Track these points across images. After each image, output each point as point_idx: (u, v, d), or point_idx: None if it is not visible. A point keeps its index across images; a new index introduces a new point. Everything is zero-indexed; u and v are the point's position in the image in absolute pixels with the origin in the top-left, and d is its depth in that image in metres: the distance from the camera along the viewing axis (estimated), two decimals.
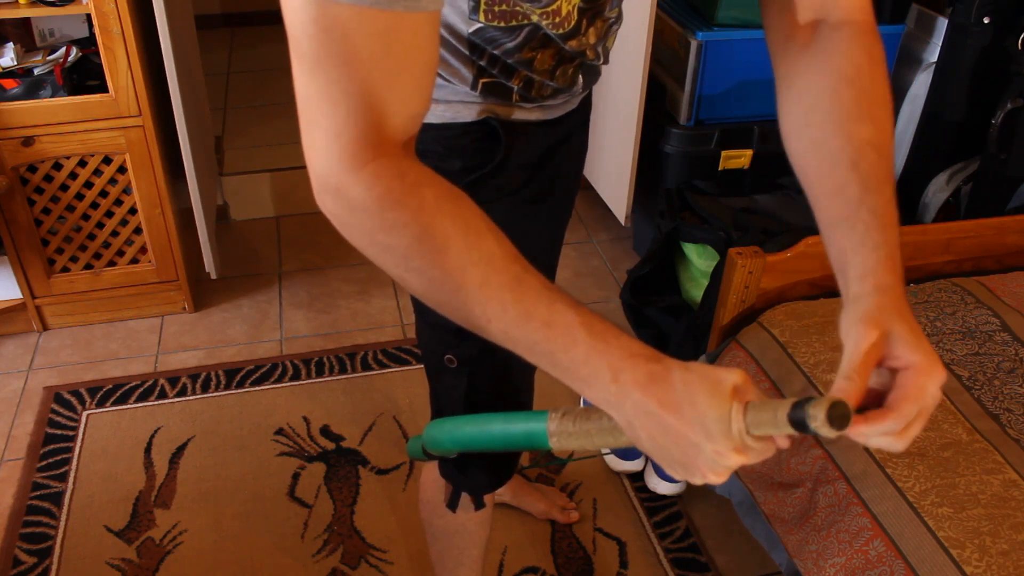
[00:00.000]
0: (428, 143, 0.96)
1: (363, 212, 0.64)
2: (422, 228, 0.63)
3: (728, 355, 1.56)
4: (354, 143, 0.62)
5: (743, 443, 0.59)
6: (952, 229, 1.68)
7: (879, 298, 0.67)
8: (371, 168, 0.63)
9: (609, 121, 2.37)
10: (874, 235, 0.72)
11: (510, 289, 0.63)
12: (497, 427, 0.77)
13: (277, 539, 1.74)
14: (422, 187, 0.64)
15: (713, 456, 0.60)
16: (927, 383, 0.64)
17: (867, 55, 0.77)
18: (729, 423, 0.59)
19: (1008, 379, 1.40)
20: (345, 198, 0.64)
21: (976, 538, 1.15)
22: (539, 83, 0.94)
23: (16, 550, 1.70)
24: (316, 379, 2.14)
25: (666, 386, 0.60)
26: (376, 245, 0.65)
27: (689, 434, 0.60)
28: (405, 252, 0.64)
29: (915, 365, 0.64)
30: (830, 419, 0.57)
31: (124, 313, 2.32)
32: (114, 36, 1.89)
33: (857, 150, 0.73)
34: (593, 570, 1.70)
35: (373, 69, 0.62)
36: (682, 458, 0.62)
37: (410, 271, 0.65)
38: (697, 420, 0.60)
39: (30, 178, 2.03)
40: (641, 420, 0.62)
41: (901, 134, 2.28)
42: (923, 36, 2.22)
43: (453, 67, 0.90)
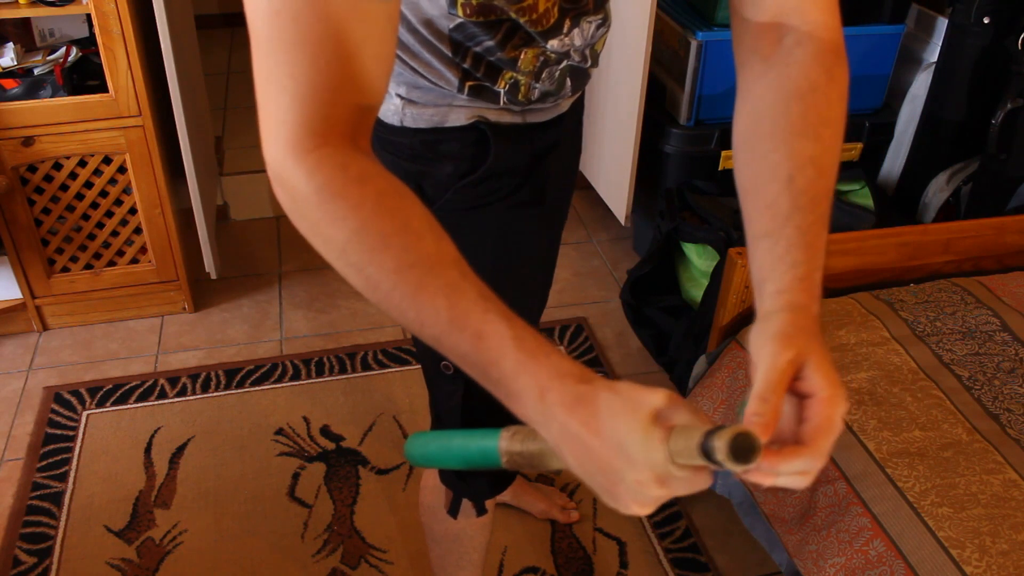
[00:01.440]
0: (418, 148, 0.96)
1: (304, 201, 0.63)
2: (360, 223, 0.61)
3: (728, 355, 1.56)
4: (298, 130, 0.62)
5: (666, 473, 0.55)
6: (952, 229, 1.68)
7: (792, 316, 0.64)
8: (314, 157, 0.62)
9: (609, 121, 2.37)
10: (795, 253, 0.68)
11: (445, 295, 0.61)
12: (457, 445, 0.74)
13: (277, 539, 1.74)
14: (365, 181, 0.62)
15: (635, 486, 0.56)
16: (835, 414, 0.60)
17: (826, 73, 0.75)
18: (650, 450, 0.55)
19: (1008, 379, 1.40)
20: (288, 186, 0.63)
21: (976, 538, 1.15)
22: (526, 86, 0.93)
23: (16, 550, 1.70)
24: (316, 379, 2.14)
25: (591, 408, 0.57)
26: (317, 236, 0.63)
27: (611, 460, 0.57)
28: (343, 246, 0.62)
29: (825, 394, 0.60)
30: (733, 452, 0.52)
31: (124, 313, 2.32)
32: (114, 36, 1.89)
33: (796, 166, 0.71)
34: (593, 570, 1.70)
35: (320, 56, 0.61)
36: (607, 485, 0.58)
37: (349, 266, 0.63)
38: (618, 446, 0.56)
39: (30, 178, 2.03)
40: (567, 443, 0.59)
41: (901, 134, 2.28)
42: (923, 36, 2.22)
43: (437, 70, 0.89)
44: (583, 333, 2.31)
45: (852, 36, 2.12)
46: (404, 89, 0.93)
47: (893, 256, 1.65)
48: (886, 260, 1.65)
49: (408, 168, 0.98)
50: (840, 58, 0.77)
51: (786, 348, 0.61)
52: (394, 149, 0.98)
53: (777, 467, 0.58)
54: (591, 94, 2.47)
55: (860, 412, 1.35)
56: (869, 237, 1.63)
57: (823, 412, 0.60)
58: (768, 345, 0.61)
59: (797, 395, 0.61)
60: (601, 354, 2.24)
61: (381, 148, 0.99)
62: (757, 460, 0.54)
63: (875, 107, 2.27)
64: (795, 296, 0.65)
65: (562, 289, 2.49)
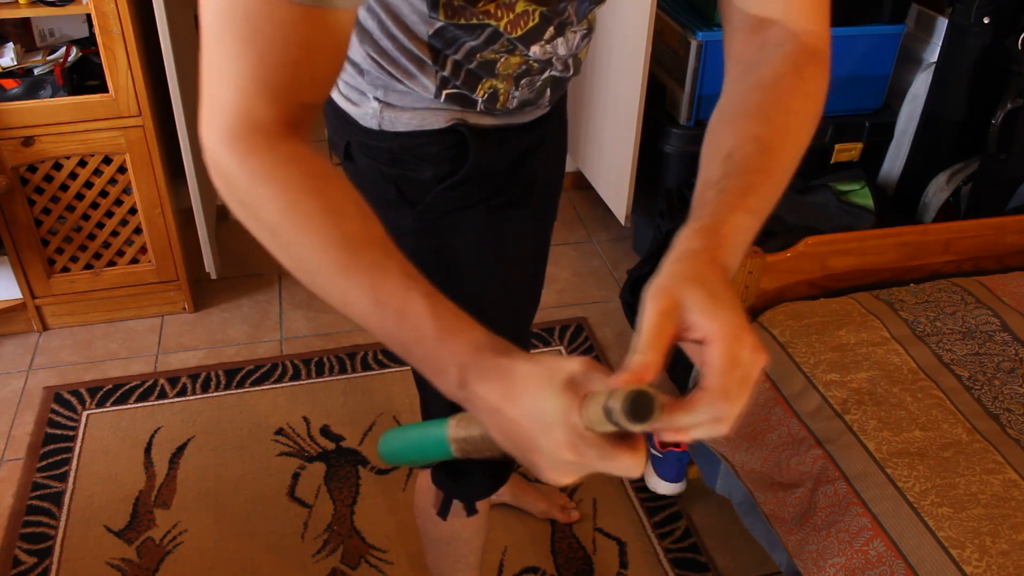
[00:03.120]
0: (398, 152, 0.96)
1: (236, 185, 0.64)
2: (287, 204, 0.63)
3: None
4: (235, 120, 0.63)
5: (578, 438, 0.54)
6: (952, 229, 1.68)
7: (677, 266, 0.61)
8: (246, 143, 0.63)
9: (609, 121, 2.37)
10: (704, 210, 0.66)
11: (368, 274, 0.62)
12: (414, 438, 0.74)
13: (277, 539, 1.74)
14: (292, 164, 0.63)
15: (549, 452, 0.56)
16: (737, 350, 0.56)
17: (794, 69, 0.75)
18: (561, 414, 0.55)
19: (1008, 379, 1.40)
20: (222, 170, 0.64)
21: (976, 538, 1.15)
22: (504, 94, 0.93)
23: (16, 550, 1.70)
24: (316, 379, 2.14)
25: (509, 379, 0.57)
26: (249, 219, 0.65)
27: (527, 428, 0.57)
28: (273, 227, 0.64)
29: (715, 334, 0.56)
30: (630, 410, 0.51)
31: (124, 313, 2.32)
32: (114, 36, 1.89)
33: (737, 143, 0.70)
34: (593, 570, 1.70)
35: (267, 54, 0.62)
36: (526, 453, 0.58)
37: (280, 248, 0.64)
38: (532, 413, 0.56)
39: (30, 178, 2.03)
40: (487, 415, 0.60)
41: (901, 134, 2.28)
42: (923, 36, 2.22)
43: (415, 76, 0.89)
44: (583, 333, 2.30)
45: (852, 36, 2.12)
46: (382, 92, 0.92)
47: (893, 256, 1.65)
48: (886, 260, 1.65)
49: (388, 172, 0.97)
50: (816, 59, 0.77)
51: (656, 299, 0.57)
52: (373, 153, 0.97)
53: (678, 420, 0.55)
54: (591, 94, 2.47)
55: (860, 412, 1.35)
56: (869, 237, 1.63)
57: (716, 352, 0.56)
58: (644, 302, 0.59)
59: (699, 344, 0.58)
60: (601, 354, 2.24)
61: (361, 153, 0.99)
62: (657, 417, 0.52)
63: (875, 107, 2.27)
64: (687, 245, 0.62)
65: (562, 289, 2.49)
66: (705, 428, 0.56)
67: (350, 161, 1.02)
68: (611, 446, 0.55)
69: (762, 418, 1.47)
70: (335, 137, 1.04)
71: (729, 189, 0.67)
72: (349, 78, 0.95)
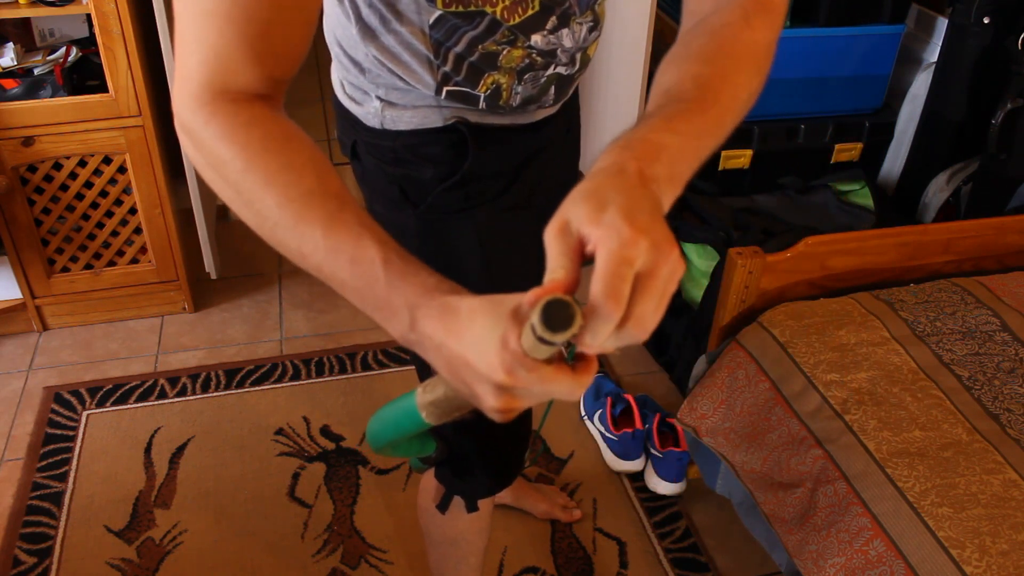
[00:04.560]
0: (400, 151, 0.96)
1: (201, 147, 0.67)
2: (247, 163, 0.65)
3: (728, 355, 1.56)
4: (202, 85, 0.67)
5: (513, 361, 0.54)
6: (952, 229, 1.68)
7: (577, 187, 0.58)
8: (210, 108, 0.67)
9: (609, 121, 2.37)
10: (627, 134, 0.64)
11: (322, 225, 0.64)
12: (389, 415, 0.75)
13: (277, 539, 1.74)
14: (253, 126, 0.67)
15: (487, 376, 0.56)
16: (625, 251, 0.52)
17: (744, 18, 0.74)
18: (500, 340, 0.54)
19: (1008, 379, 1.40)
20: (190, 133, 0.68)
21: (976, 538, 1.15)
22: (507, 90, 0.92)
23: (16, 550, 1.70)
24: (316, 379, 2.14)
25: (454, 315, 0.58)
26: (216, 181, 0.68)
27: (467, 356, 0.57)
28: (236, 186, 0.66)
29: (599, 239, 0.53)
30: (548, 320, 0.50)
31: (124, 313, 2.32)
32: (114, 36, 1.89)
33: (675, 80, 0.70)
34: (593, 570, 1.70)
35: (228, 30, 0.66)
36: (469, 384, 0.59)
37: (243, 205, 0.67)
38: (474, 341, 0.57)
39: (30, 178, 2.03)
40: (435, 354, 0.61)
41: (901, 134, 2.28)
42: (923, 36, 2.22)
43: (416, 73, 0.89)
44: None
45: (852, 36, 2.12)
46: (383, 91, 0.93)
47: (893, 256, 1.65)
48: (886, 260, 1.65)
49: (391, 172, 0.98)
50: (767, 12, 0.76)
51: (552, 222, 0.56)
52: (377, 153, 0.98)
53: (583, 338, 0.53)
54: (591, 94, 2.47)
55: (860, 412, 1.35)
56: (869, 237, 1.63)
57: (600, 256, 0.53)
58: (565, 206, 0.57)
59: None
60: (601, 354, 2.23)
61: (366, 152, 0.99)
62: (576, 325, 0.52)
63: (875, 107, 2.27)
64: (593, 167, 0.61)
65: None
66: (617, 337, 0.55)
67: (357, 160, 1.02)
68: (548, 368, 0.55)
69: (762, 418, 1.47)
70: (343, 137, 1.04)
71: (656, 115, 0.66)
72: (352, 78, 0.95)
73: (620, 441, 1.89)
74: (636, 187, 0.57)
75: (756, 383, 1.49)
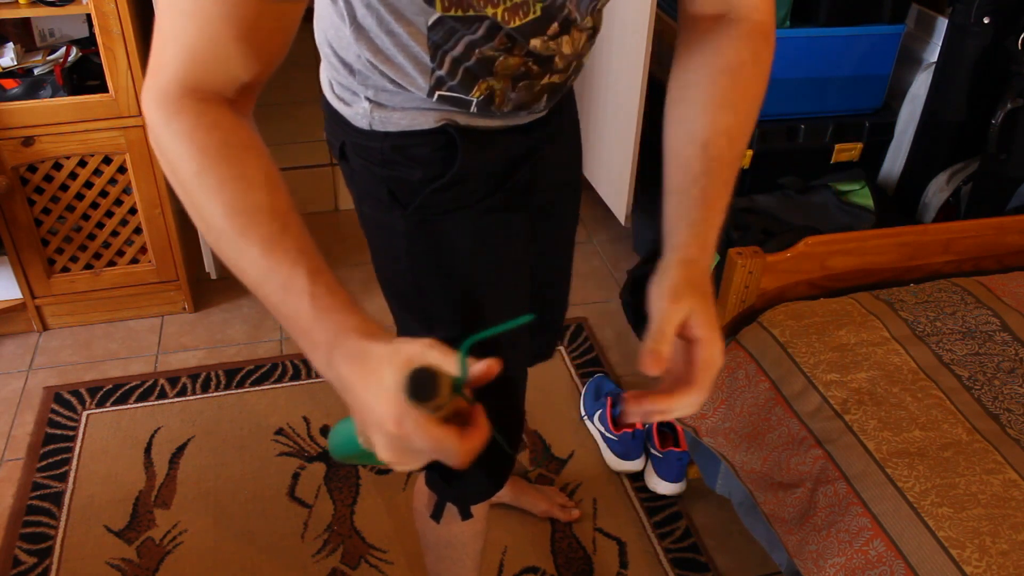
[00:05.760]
0: (388, 153, 0.96)
1: (161, 145, 0.67)
2: (200, 166, 0.66)
3: (728, 355, 1.56)
4: (169, 83, 0.67)
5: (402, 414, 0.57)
6: (952, 229, 1.68)
7: (684, 271, 0.76)
8: (175, 106, 0.67)
9: (609, 121, 2.37)
10: (695, 212, 0.80)
11: (261, 245, 0.64)
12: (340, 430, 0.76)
13: (277, 539, 1.74)
14: (213, 130, 0.67)
15: (379, 425, 0.59)
16: (715, 354, 0.73)
17: (752, 54, 0.85)
18: (393, 391, 0.57)
19: (1008, 379, 1.40)
20: (152, 130, 0.68)
21: (976, 538, 1.15)
22: (501, 95, 0.92)
23: (16, 550, 1.70)
24: (316, 379, 2.14)
25: (364, 361, 0.60)
26: (172, 178, 0.68)
27: (367, 401, 0.59)
28: (187, 188, 0.67)
29: (705, 339, 0.73)
30: (409, 388, 0.54)
31: (124, 313, 2.32)
32: (114, 36, 1.89)
33: (712, 134, 0.82)
34: (593, 570, 1.70)
35: (206, 30, 0.66)
36: (367, 431, 0.61)
37: (192, 208, 0.67)
38: (375, 389, 0.59)
39: (30, 178, 2.03)
40: (345, 395, 0.62)
41: (901, 134, 2.28)
42: (923, 36, 2.22)
43: (410, 75, 0.89)
44: (583, 333, 2.31)
45: (852, 36, 2.12)
46: (372, 92, 0.93)
47: (893, 256, 1.65)
48: (886, 260, 1.65)
49: (379, 173, 0.98)
50: (768, 40, 0.87)
51: (676, 303, 0.73)
52: (366, 154, 0.98)
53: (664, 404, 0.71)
54: (591, 94, 2.47)
55: (860, 412, 1.35)
56: (869, 237, 1.63)
57: (704, 355, 0.73)
58: (663, 300, 0.74)
59: (683, 339, 0.74)
60: (601, 354, 2.24)
61: (354, 153, 0.99)
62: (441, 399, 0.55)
63: (875, 107, 2.27)
64: (688, 251, 0.78)
65: None
66: (683, 411, 0.72)
67: (345, 162, 1.02)
68: (434, 427, 0.58)
69: (762, 418, 1.47)
70: (331, 138, 1.04)
71: (708, 192, 0.81)
72: (342, 79, 0.95)
73: (620, 441, 1.89)
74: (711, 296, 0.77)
75: (756, 383, 1.49)
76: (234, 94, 0.69)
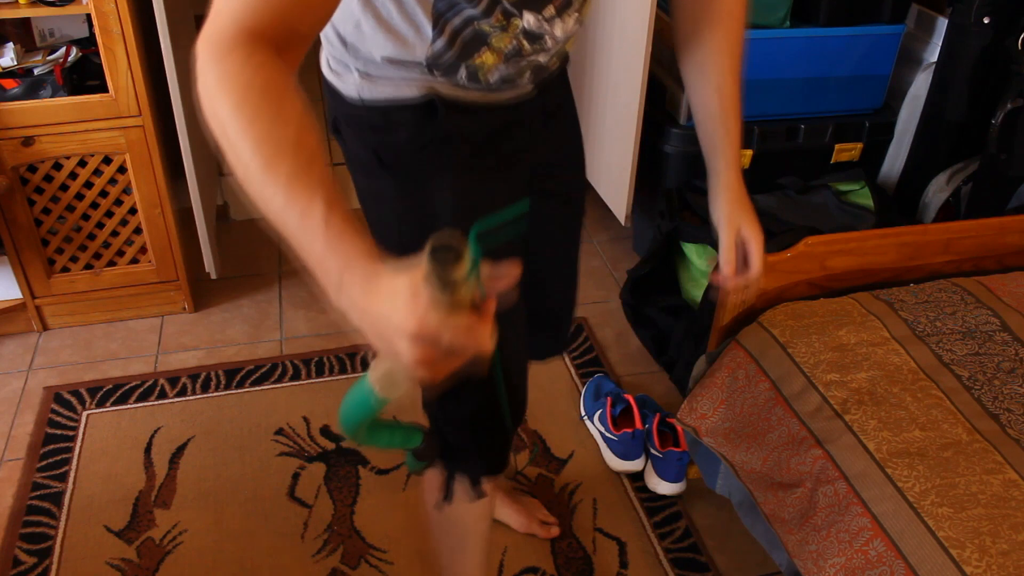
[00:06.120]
0: (375, 119, 1.00)
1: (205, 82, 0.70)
2: (239, 102, 0.68)
3: (728, 355, 1.56)
4: (225, 27, 0.70)
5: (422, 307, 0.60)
6: (952, 229, 1.68)
7: (731, 194, 1.19)
8: (227, 46, 0.70)
9: (609, 121, 2.37)
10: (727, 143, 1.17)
11: (286, 175, 0.66)
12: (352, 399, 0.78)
13: (277, 539, 1.74)
14: (259, 70, 0.69)
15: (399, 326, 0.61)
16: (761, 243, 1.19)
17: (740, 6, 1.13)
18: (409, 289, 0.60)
19: (1008, 379, 1.40)
20: (201, 74, 0.70)
21: (976, 538, 1.15)
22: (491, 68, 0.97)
23: (16, 550, 1.70)
24: (316, 379, 2.14)
25: (374, 280, 0.63)
26: (211, 118, 0.70)
27: (384, 311, 0.62)
28: (224, 124, 0.69)
29: (755, 240, 1.19)
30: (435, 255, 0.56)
31: (124, 313, 2.32)
32: (114, 36, 1.89)
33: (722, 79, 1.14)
34: (593, 570, 1.70)
35: None
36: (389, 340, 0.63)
37: (228, 145, 0.69)
38: (390, 298, 0.62)
39: (30, 178, 2.03)
40: (360, 318, 0.65)
41: (901, 134, 2.28)
42: (923, 36, 2.22)
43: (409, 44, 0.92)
44: (583, 333, 2.30)
45: (852, 36, 2.12)
46: (362, 64, 0.97)
47: (893, 256, 1.65)
48: (886, 260, 1.65)
49: (367, 140, 1.02)
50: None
51: (731, 227, 1.19)
52: (356, 124, 1.02)
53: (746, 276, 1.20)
54: (592, 94, 2.47)
55: (860, 412, 1.35)
56: (869, 237, 1.63)
57: (756, 251, 1.19)
58: (724, 226, 1.19)
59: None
60: (601, 354, 2.24)
61: (345, 125, 1.04)
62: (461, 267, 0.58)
63: (875, 107, 2.27)
64: (728, 176, 1.19)
65: None
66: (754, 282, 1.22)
67: (339, 135, 1.07)
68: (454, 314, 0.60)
69: (762, 418, 1.47)
70: (327, 113, 1.09)
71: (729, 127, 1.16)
72: (336, 53, 0.99)
73: (620, 441, 1.89)
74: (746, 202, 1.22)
75: (756, 383, 1.49)
76: (286, 44, 0.72)
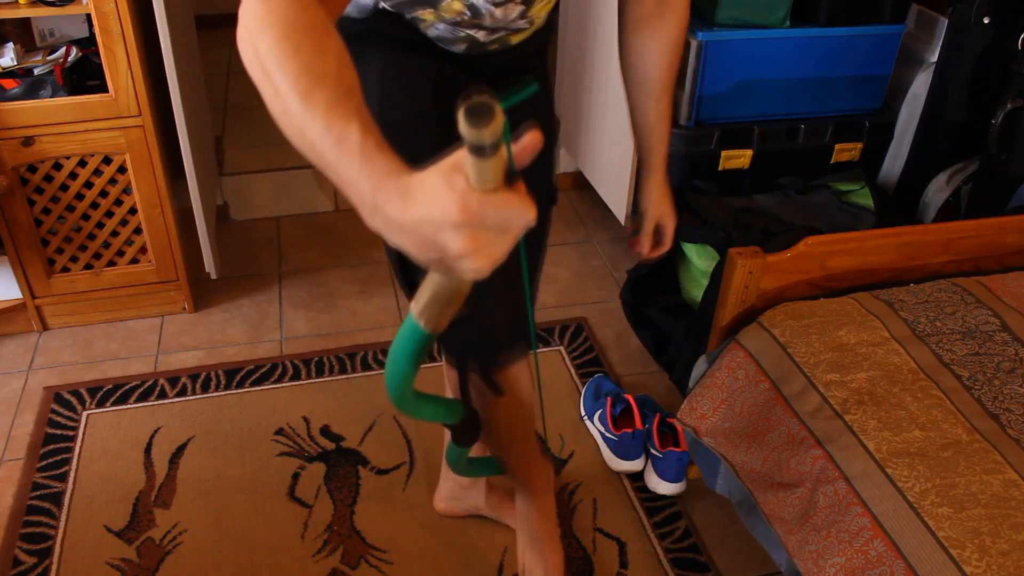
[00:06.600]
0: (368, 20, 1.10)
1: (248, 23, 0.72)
2: (281, 36, 0.70)
3: (728, 355, 1.56)
4: None
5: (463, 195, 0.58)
6: (952, 229, 1.68)
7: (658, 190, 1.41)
8: None
9: (609, 121, 2.37)
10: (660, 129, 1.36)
11: (325, 104, 0.67)
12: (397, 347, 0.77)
13: (277, 539, 1.74)
14: (304, 11, 0.72)
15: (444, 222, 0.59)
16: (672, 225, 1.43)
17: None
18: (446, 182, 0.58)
19: (1008, 379, 1.40)
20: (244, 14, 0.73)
21: (976, 538, 1.15)
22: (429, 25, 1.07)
23: (16, 550, 1.70)
24: (316, 379, 2.14)
25: (406, 190, 0.62)
26: (250, 54, 0.72)
27: (423, 213, 0.60)
28: (263, 58, 0.70)
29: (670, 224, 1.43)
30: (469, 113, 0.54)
31: (124, 313, 2.32)
32: (114, 36, 1.89)
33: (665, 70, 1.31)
34: (593, 570, 1.70)
35: None
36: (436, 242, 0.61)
37: (265, 78, 0.70)
38: (426, 198, 0.60)
39: (30, 178, 2.03)
40: (398, 234, 0.63)
41: (901, 134, 2.28)
42: (923, 36, 2.22)
43: None
44: (583, 333, 2.31)
45: (852, 36, 2.12)
46: None
47: (893, 256, 1.65)
48: (886, 260, 1.65)
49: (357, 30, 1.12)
50: None
51: (655, 214, 1.41)
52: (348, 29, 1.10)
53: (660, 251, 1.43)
54: (591, 94, 2.47)
55: (860, 412, 1.35)
56: (869, 237, 1.63)
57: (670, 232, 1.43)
58: (649, 213, 1.41)
59: None
60: (601, 354, 2.24)
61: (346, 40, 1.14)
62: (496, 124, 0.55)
63: (875, 107, 2.27)
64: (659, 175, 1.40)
65: (562, 289, 2.49)
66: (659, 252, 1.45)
67: None
68: (495, 193, 0.59)
69: (762, 418, 1.47)
70: None
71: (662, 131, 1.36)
72: None
73: (620, 441, 1.89)
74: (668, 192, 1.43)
75: (756, 383, 1.49)
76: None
